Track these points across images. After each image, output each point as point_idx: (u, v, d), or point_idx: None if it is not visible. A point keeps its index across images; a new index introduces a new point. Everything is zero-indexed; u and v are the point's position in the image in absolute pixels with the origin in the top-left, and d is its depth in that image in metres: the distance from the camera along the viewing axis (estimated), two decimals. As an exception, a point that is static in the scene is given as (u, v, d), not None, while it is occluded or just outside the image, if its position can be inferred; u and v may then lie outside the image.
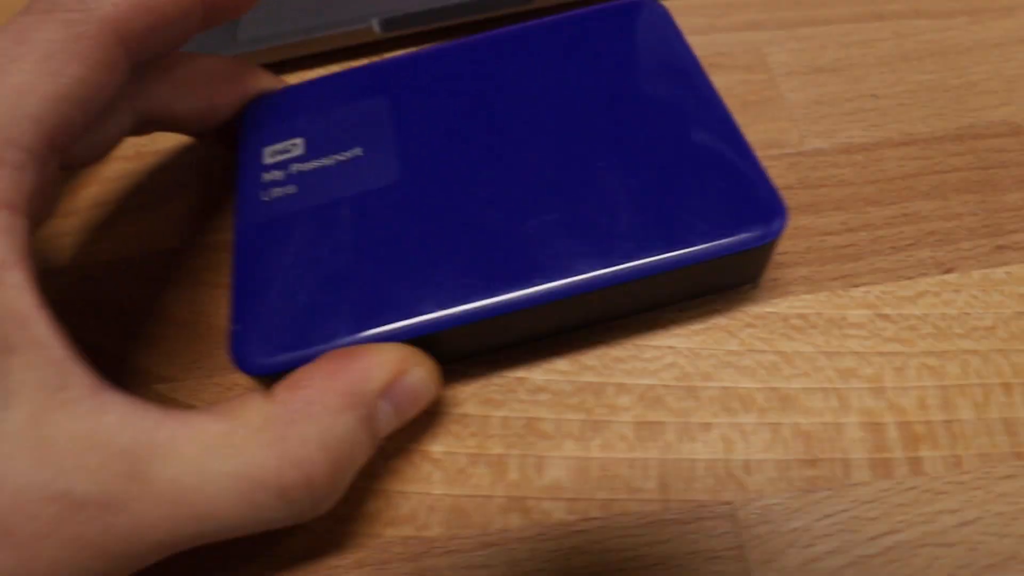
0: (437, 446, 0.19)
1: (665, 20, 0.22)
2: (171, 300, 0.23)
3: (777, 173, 0.23)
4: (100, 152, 0.19)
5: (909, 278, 0.20)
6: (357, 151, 0.21)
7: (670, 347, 0.20)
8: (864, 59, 0.25)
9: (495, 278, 0.18)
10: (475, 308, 0.18)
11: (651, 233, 0.18)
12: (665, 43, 0.22)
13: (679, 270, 0.18)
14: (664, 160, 0.19)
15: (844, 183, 0.22)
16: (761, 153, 0.23)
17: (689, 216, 0.18)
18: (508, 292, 0.18)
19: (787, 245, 0.21)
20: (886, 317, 0.20)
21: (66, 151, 0.16)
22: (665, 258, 0.18)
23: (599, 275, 0.18)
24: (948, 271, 0.20)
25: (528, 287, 0.18)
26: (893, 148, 0.23)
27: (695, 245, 0.18)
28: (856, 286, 0.20)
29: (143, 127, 0.21)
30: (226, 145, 0.23)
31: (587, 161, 0.20)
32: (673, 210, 0.18)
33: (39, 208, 0.16)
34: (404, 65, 0.23)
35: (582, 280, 0.18)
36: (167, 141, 0.27)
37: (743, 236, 0.17)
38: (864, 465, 0.18)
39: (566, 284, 0.18)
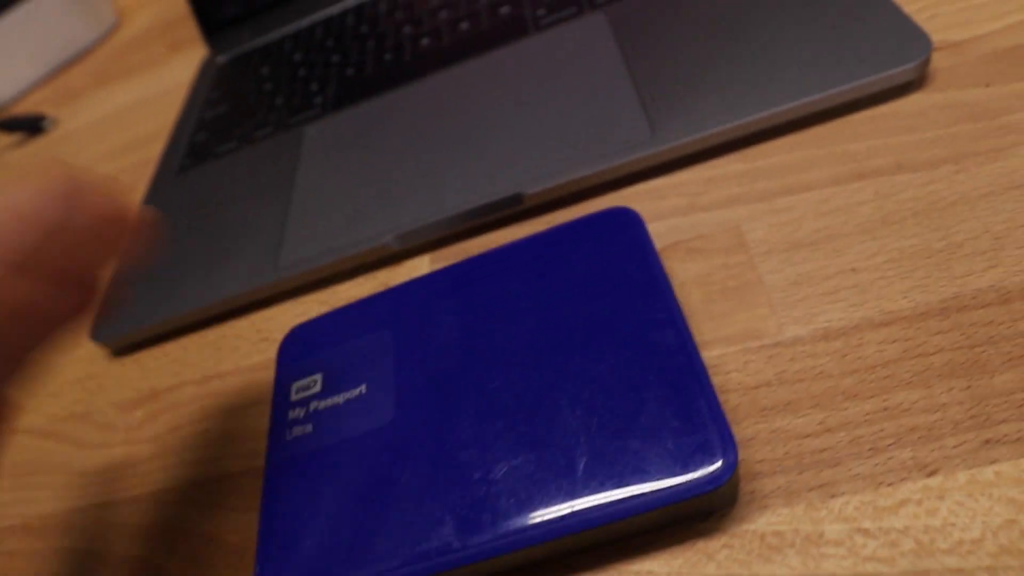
0: None
1: (637, 231, 0.24)
2: (221, 523, 0.26)
3: (756, 368, 0.23)
4: None
5: (890, 484, 0.20)
6: (362, 388, 0.24)
7: (650, 572, 0.21)
8: (844, 228, 0.25)
9: (466, 527, 0.20)
10: (448, 559, 0.20)
11: (604, 482, 0.19)
12: (634, 258, 0.23)
13: (632, 516, 0.19)
14: (623, 396, 0.20)
15: (822, 375, 0.22)
16: (740, 346, 0.24)
17: (641, 461, 0.19)
18: (475, 541, 0.19)
19: (765, 452, 0.21)
20: (865, 532, 0.19)
21: None
22: (616, 506, 0.19)
23: (555, 523, 0.19)
24: (931, 474, 0.20)
25: (493, 537, 0.19)
26: (873, 330, 0.22)
27: (646, 493, 0.19)
28: (834, 496, 0.20)
29: None
30: None
31: (554, 395, 0.21)
32: (626, 455, 0.19)
33: None
34: (404, 293, 0.26)
35: (540, 529, 0.19)
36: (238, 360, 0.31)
37: (692, 480, 0.18)
38: None
39: (525, 533, 0.19)
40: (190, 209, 0.39)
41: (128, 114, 0.54)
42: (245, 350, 0.33)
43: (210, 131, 0.43)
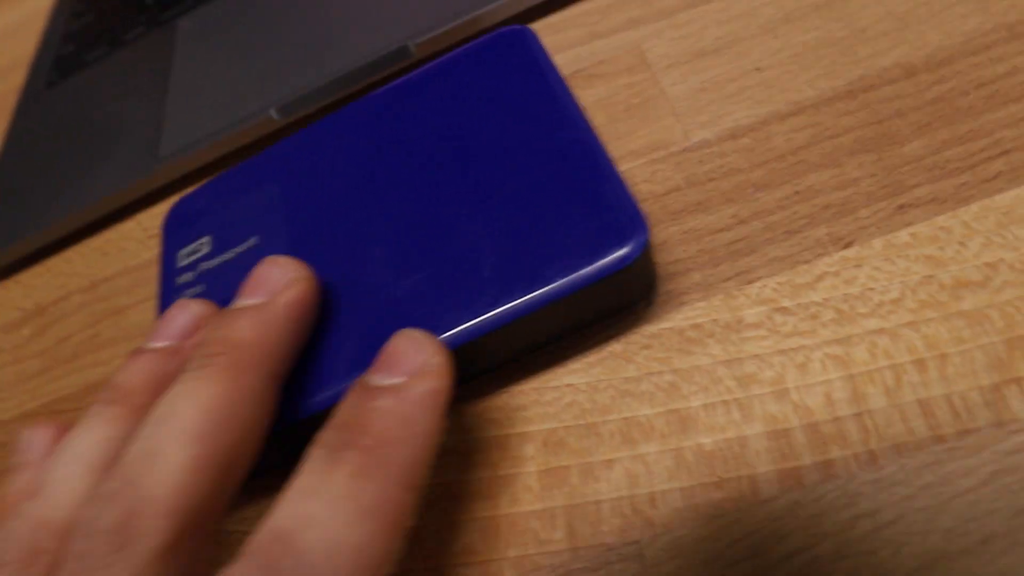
0: (353, 531, 0.19)
1: (530, 45, 0.22)
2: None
3: (664, 176, 0.22)
4: None
5: (806, 262, 0.19)
6: (252, 240, 0.22)
7: (569, 385, 0.19)
8: (746, 31, 0.24)
9: (368, 348, 0.18)
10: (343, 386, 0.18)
11: (512, 277, 0.18)
12: (531, 72, 0.21)
13: (549, 306, 0.17)
14: (526, 197, 0.19)
15: (732, 171, 0.21)
16: (647, 158, 0.22)
17: (549, 251, 0.18)
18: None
19: (679, 252, 0.20)
20: (784, 310, 0.19)
21: None
22: (529, 300, 0.17)
23: (469, 327, 0.18)
24: (847, 245, 0.19)
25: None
26: (780, 122, 0.21)
27: (555, 281, 0.17)
28: (751, 282, 0.19)
29: None
30: None
31: (454, 211, 0.19)
32: (534, 248, 0.18)
33: None
34: (289, 146, 0.24)
35: (453, 335, 0.18)
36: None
37: (603, 262, 0.17)
38: (772, 478, 0.17)
39: (445, 338, 0.18)
40: (60, 121, 0.35)
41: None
42: (133, 250, 0.30)
43: (77, 42, 0.39)
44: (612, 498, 0.18)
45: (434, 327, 0.18)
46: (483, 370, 0.20)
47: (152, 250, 0.29)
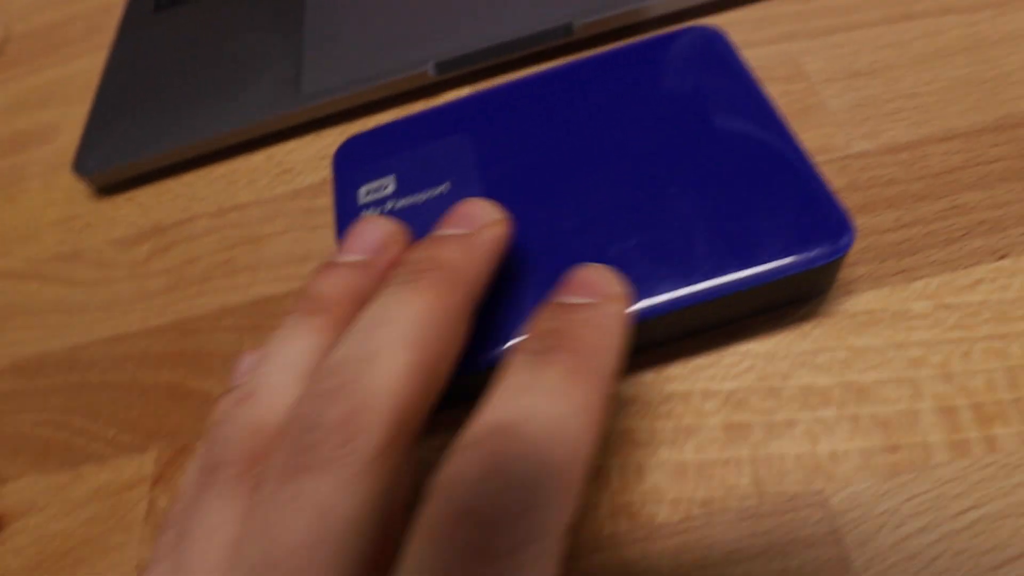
0: (544, 461, 0.21)
1: (724, 45, 0.24)
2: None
3: (829, 178, 0.24)
4: None
5: (965, 267, 0.22)
6: (445, 187, 0.23)
7: (747, 351, 0.22)
8: (899, 60, 0.26)
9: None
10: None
11: (728, 255, 0.20)
12: (726, 68, 0.23)
13: (755, 289, 0.19)
14: (734, 184, 0.21)
15: (893, 182, 0.24)
16: (810, 160, 0.25)
17: (762, 237, 0.20)
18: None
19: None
20: (948, 306, 0.21)
21: None
22: (742, 278, 0.19)
23: (679, 296, 0.19)
24: (1002, 257, 0.22)
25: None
26: (936, 144, 0.24)
27: (769, 264, 0.19)
28: (916, 279, 0.22)
29: None
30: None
31: (662, 186, 0.21)
32: (747, 232, 0.20)
33: None
34: (479, 103, 0.25)
35: (664, 301, 0.19)
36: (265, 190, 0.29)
37: (814, 254, 0.19)
38: (943, 447, 0.19)
39: (650, 306, 0.19)
40: (180, 44, 0.35)
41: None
42: (265, 182, 0.31)
43: (189, -31, 0.39)
44: (795, 453, 0.20)
45: (648, 292, 0.19)
46: (674, 338, 0.22)
47: (287, 185, 0.30)
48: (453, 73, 0.30)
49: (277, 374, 0.16)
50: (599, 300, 0.17)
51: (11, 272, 0.32)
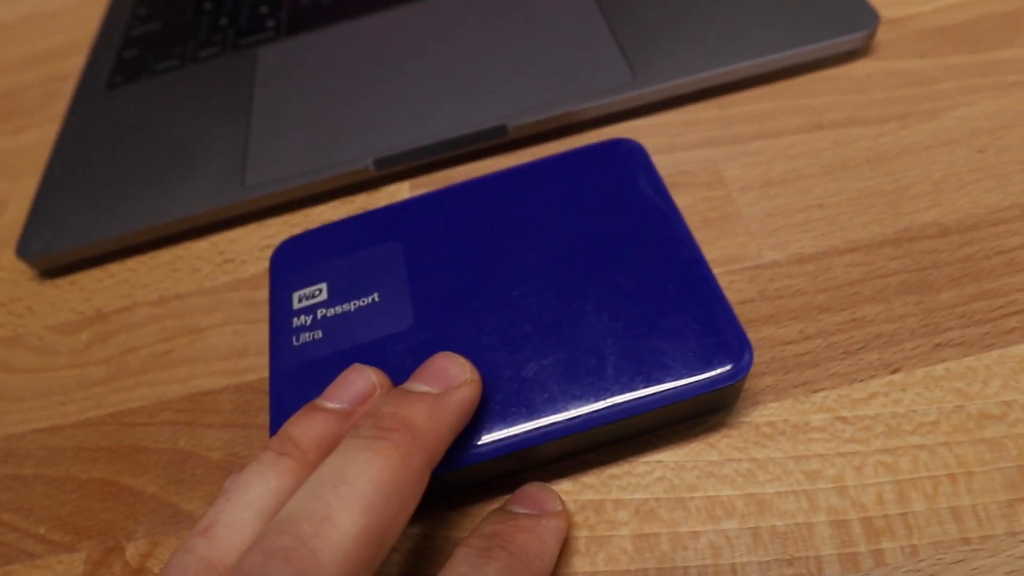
0: None
1: (642, 158, 0.25)
2: (212, 442, 0.26)
3: (740, 287, 0.26)
4: None
5: (862, 380, 0.23)
6: (375, 296, 0.24)
7: (659, 461, 0.23)
8: (809, 170, 0.28)
9: (501, 422, 0.21)
10: (481, 450, 0.21)
11: (636, 375, 0.21)
12: (643, 182, 0.25)
13: (660, 407, 0.21)
14: (645, 303, 0.22)
15: (799, 293, 0.25)
16: (724, 268, 0.26)
17: (668, 359, 0.21)
18: (511, 431, 0.20)
19: (755, 356, 0.24)
20: (844, 419, 0.23)
21: None
22: (647, 398, 0.20)
23: (589, 413, 0.20)
24: (895, 371, 0.23)
25: (528, 429, 0.20)
26: (839, 256, 0.26)
27: (673, 384, 0.20)
28: (816, 391, 0.23)
29: None
30: None
31: (576, 302, 0.22)
32: (654, 353, 0.21)
33: None
34: (411, 209, 0.26)
35: (575, 418, 0.20)
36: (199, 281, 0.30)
37: (715, 375, 0.20)
38: (834, 560, 0.20)
39: (561, 424, 0.20)
40: (129, 125, 0.36)
41: (27, 27, 0.49)
42: (208, 271, 0.31)
43: (142, 48, 0.40)
44: (699, 565, 0.21)
45: (558, 411, 0.21)
46: (590, 449, 0.23)
47: (229, 275, 0.31)
48: (392, 169, 0.31)
49: (239, 511, 0.17)
50: (541, 514, 0.20)
51: (-51, 356, 0.32)
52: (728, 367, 0.20)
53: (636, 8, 0.33)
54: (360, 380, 0.20)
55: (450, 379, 0.19)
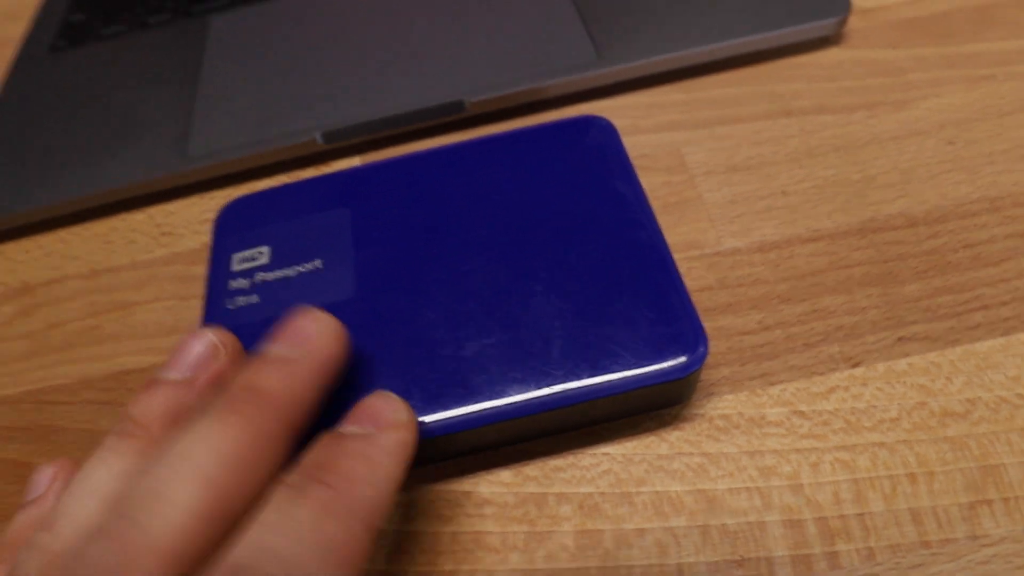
0: (389, 565, 0.20)
1: (611, 139, 0.24)
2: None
3: (698, 274, 0.24)
4: None
5: (821, 374, 0.22)
6: (317, 263, 0.23)
7: (605, 453, 0.21)
8: (774, 157, 0.27)
9: (435, 402, 0.19)
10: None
11: (583, 362, 0.19)
12: (610, 161, 0.23)
13: (607, 398, 0.19)
14: (600, 286, 0.21)
15: (759, 281, 0.24)
16: (683, 254, 0.25)
17: (619, 347, 0.20)
18: (445, 414, 0.19)
19: (711, 346, 0.23)
20: (801, 414, 0.21)
21: None
22: (593, 387, 0.19)
23: (529, 400, 0.19)
24: (856, 365, 0.22)
25: (463, 411, 0.19)
26: (802, 244, 0.25)
27: (622, 374, 0.19)
28: (773, 384, 0.22)
29: None
30: None
31: (527, 282, 0.21)
32: (605, 340, 0.20)
33: None
34: (365, 176, 0.25)
35: (514, 404, 0.19)
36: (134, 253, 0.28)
37: (667, 367, 0.19)
38: (787, 562, 0.19)
39: (499, 408, 0.19)
40: (71, 90, 0.34)
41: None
42: (143, 244, 0.29)
43: (89, 12, 0.38)
44: (643, 565, 0.20)
45: (497, 395, 0.19)
46: (530, 438, 0.21)
47: (166, 248, 0.29)
48: (341, 143, 0.30)
49: (82, 500, 0.16)
50: (376, 430, 0.17)
51: None
52: (682, 359, 0.19)
53: (604, -13, 0.32)
54: (199, 345, 0.18)
55: (309, 340, 0.18)
